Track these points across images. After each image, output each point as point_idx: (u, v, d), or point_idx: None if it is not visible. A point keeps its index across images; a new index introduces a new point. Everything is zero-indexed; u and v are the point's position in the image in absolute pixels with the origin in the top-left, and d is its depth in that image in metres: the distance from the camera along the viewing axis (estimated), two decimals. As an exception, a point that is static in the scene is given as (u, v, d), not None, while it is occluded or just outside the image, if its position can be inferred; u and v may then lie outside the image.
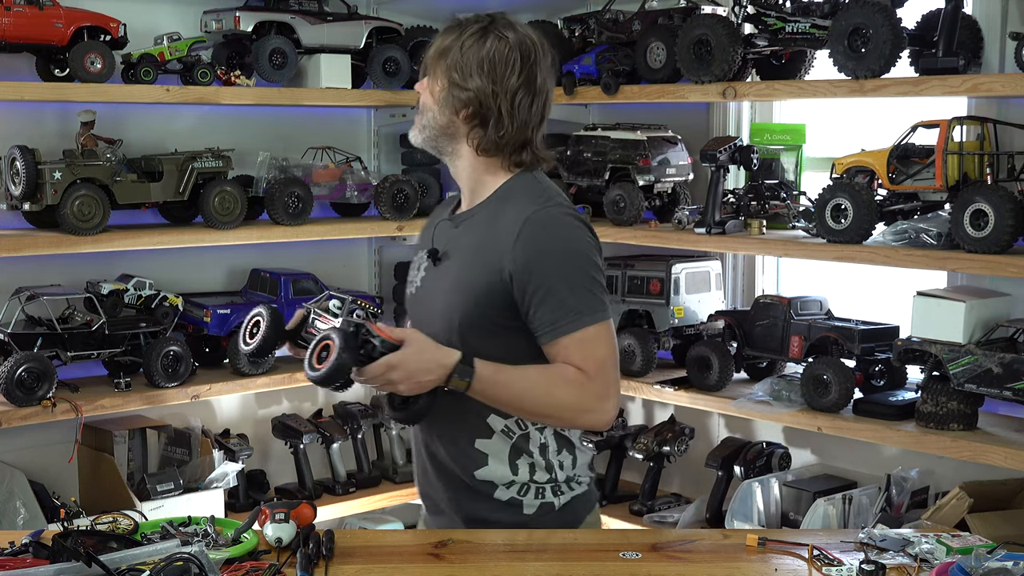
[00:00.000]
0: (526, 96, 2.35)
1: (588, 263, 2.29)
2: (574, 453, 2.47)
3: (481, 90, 2.34)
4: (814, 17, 3.53)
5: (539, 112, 2.39)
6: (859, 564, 2.23)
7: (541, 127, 2.41)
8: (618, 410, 2.39)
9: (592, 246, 2.33)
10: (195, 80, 3.95)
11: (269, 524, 2.26)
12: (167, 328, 3.91)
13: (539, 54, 2.38)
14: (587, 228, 2.35)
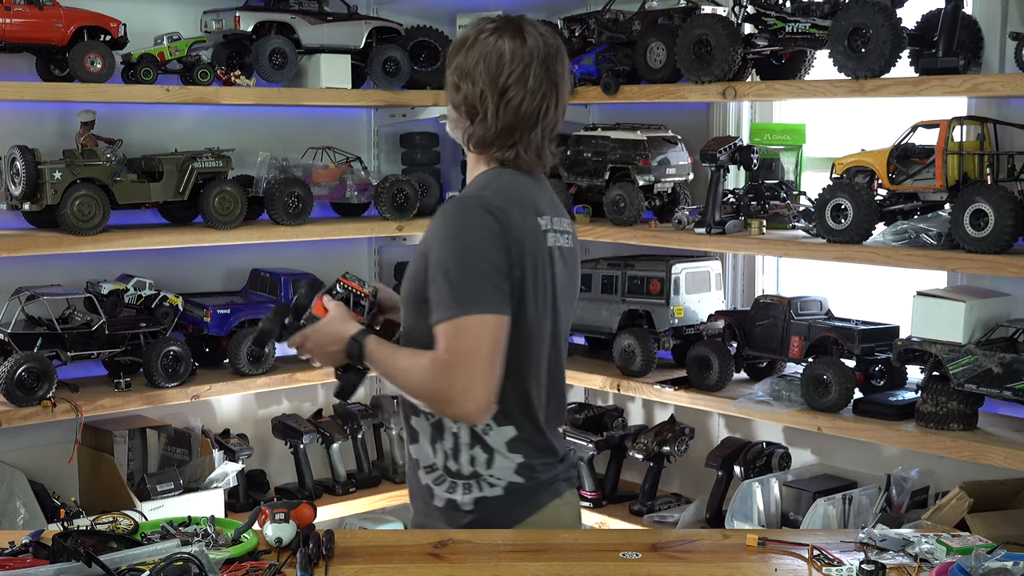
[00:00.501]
0: (516, 98, 2.38)
1: (476, 254, 2.27)
2: (491, 454, 2.42)
3: (471, 90, 2.41)
4: (814, 17, 3.53)
5: (531, 115, 2.40)
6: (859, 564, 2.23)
7: (536, 129, 2.42)
8: (490, 407, 2.28)
9: (487, 237, 2.28)
10: (195, 80, 3.95)
11: (269, 524, 2.26)
12: (167, 328, 3.91)
13: (538, 59, 2.39)
14: (492, 219, 2.30)
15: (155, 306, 3.91)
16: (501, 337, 2.27)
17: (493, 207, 2.32)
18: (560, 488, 2.50)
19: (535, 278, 2.36)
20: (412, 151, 4.72)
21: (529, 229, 2.37)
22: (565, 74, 2.46)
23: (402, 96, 4.48)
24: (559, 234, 2.46)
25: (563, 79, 2.45)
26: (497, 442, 2.42)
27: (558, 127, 2.48)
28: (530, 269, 2.34)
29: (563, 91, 2.45)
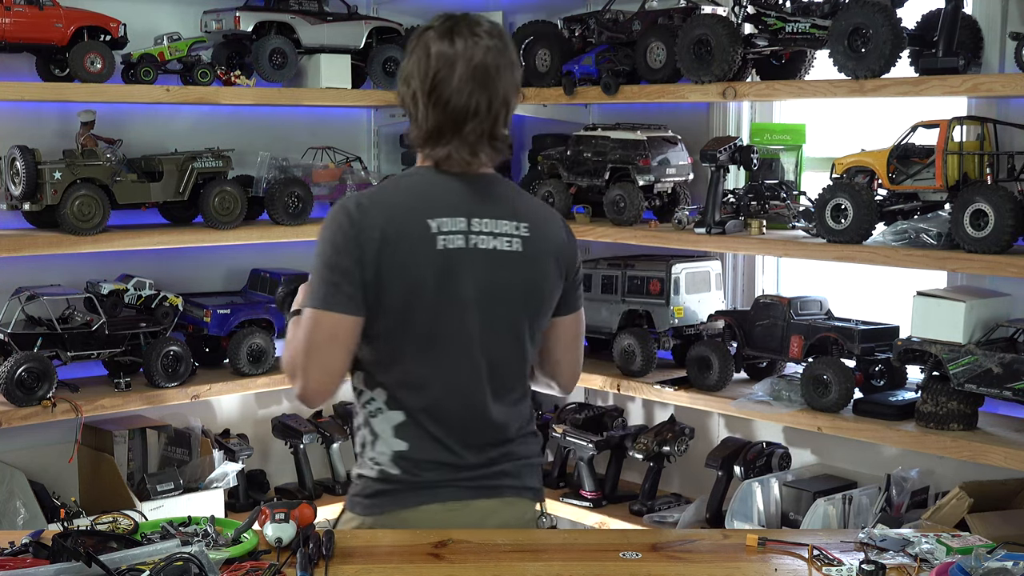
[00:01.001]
0: (442, 98, 2.40)
1: (320, 253, 2.39)
2: (376, 437, 2.47)
3: (407, 91, 2.48)
4: (814, 17, 3.53)
5: (459, 114, 2.41)
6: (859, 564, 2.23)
7: (467, 128, 2.42)
8: (319, 394, 2.41)
9: (328, 237, 2.38)
10: (195, 80, 3.95)
11: (269, 524, 2.26)
12: (167, 328, 3.91)
13: (464, 59, 2.39)
14: (347, 219, 2.37)
15: (155, 306, 3.91)
16: (326, 331, 2.36)
17: (353, 207, 2.38)
18: (445, 495, 2.46)
19: (401, 278, 2.36)
20: (412, 151, 4.71)
21: (409, 229, 2.38)
22: (503, 72, 2.42)
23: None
24: (483, 236, 2.42)
25: (497, 77, 2.42)
26: (383, 426, 2.46)
27: (500, 125, 2.47)
28: (389, 269, 2.35)
29: (498, 89, 2.43)
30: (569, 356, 2.68)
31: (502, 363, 2.49)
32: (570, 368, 2.70)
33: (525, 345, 2.52)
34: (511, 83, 2.47)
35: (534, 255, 2.47)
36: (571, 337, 2.65)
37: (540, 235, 2.49)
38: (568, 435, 4.25)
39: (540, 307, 2.52)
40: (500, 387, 2.49)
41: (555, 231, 2.54)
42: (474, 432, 2.48)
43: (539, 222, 2.51)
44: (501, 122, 2.48)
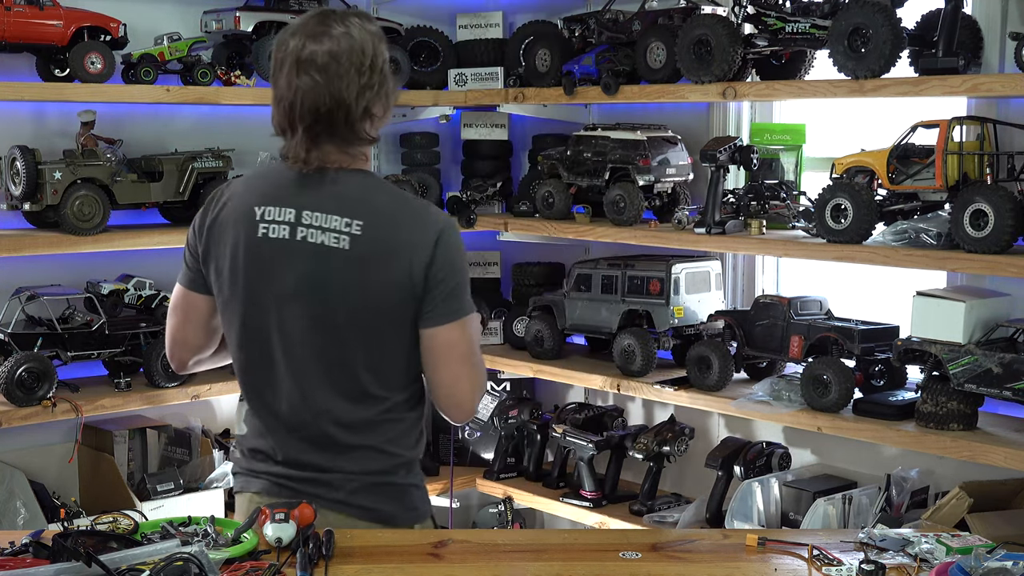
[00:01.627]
0: (275, 95, 2.56)
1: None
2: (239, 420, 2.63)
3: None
4: (814, 17, 3.53)
5: (287, 112, 2.50)
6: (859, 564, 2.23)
7: (298, 127, 2.47)
8: (177, 363, 2.69)
9: (196, 218, 2.58)
10: (195, 80, 3.95)
11: (269, 524, 2.26)
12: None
13: (292, 58, 2.45)
14: (209, 201, 2.56)
15: (155, 306, 3.91)
16: (174, 300, 2.65)
17: (219, 191, 2.56)
18: (257, 485, 2.51)
19: (225, 259, 2.46)
20: (412, 151, 4.72)
21: (237, 214, 2.46)
22: (340, 73, 2.38)
23: (402, 96, 4.45)
24: (312, 230, 2.39)
25: (330, 78, 2.38)
26: (241, 411, 2.60)
27: (342, 125, 2.41)
28: (216, 250, 2.48)
29: (329, 89, 2.39)
30: (441, 376, 2.45)
31: (335, 366, 2.42)
32: (445, 390, 2.46)
33: (365, 350, 2.41)
34: (352, 84, 2.38)
35: (361, 254, 2.38)
36: (440, 353, 2.43)
37: (376, 235, 2.38)
38: (568, 435, 4.25)
39: (369, 308, 2.39)
40: (335, 393, 2.43)
41: (406, 233, 2.39)
42: (293, 432, 2.46)
43: (382, 222, 2.39)
44: (342, 123, 2.40)
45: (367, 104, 2.41)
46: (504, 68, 4.56)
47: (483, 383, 2.55)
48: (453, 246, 2.43)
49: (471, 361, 2.46)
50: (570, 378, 4.30)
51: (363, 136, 2.44)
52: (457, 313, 2.42)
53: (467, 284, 2.47)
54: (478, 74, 4.58)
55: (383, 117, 2.49)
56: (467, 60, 4.67)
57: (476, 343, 2.48)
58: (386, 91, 2.46)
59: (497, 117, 4.70)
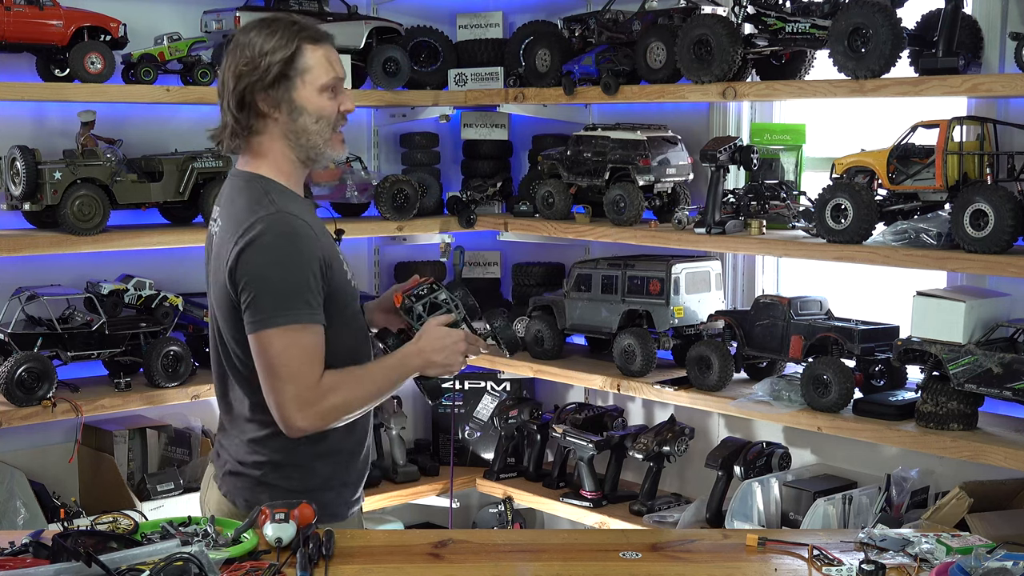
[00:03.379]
0: None
1: None
2: None
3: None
4: (814, 17, 3.53)
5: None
6: (859, 564, 2.23)
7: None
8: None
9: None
10: (195, 80, 3.95)
11: (269, 524, 2.26)
12: (167, 328, 3.91)
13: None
14: None
15: (155, 306, 3.91)
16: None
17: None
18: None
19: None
20: (412, 151, 4.72)
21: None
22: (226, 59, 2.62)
23: (402, 96, 4.48)
24: (214, 224, 2.60)
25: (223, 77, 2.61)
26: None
27: (225, 112, 2.62)
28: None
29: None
30: (262, 381, 2.49)
31: (215, 352, 2.63)
32: (265, 396, 2.49)
33: (222, 339, 2.58)
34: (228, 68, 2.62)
35: (211, 252, 2.59)
36: (255, 362, 2.48)
37: (220, 236, 2.54)
38: (568, 435, 4.25)
39: (217, 301, 2.55)
40: (214, 374, 2.66)
41: (231, 236, 2.47)
42: (226, 420, 2.67)
43: (226, 222, 2.53)
44: (226, 107, 2.61)
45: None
46: (504, 68, 4.56)
47: (304, 395, 2.44)
48: (263, 251, 2.43)
49: (279, 373, 2.42)
50: (570, 378, 4.30)
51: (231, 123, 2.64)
52: (254, 324, 2.43)
53: (283, 293, 2.42)
54: (478, 74, 4.58)
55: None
56: (467, 60, 4.67)
57: (290, 356, 2.42)
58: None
59: (497, 117, 4.70)
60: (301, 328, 2.43)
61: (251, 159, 2.61)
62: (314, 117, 2.56)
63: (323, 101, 2.57)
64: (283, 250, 2.43)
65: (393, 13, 4.59)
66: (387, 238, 4.64)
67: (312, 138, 2.58)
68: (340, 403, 2.49)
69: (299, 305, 2.43)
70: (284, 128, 2.56)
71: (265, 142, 2.59)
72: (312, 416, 2.46)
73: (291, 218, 2.48)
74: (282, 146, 2.58)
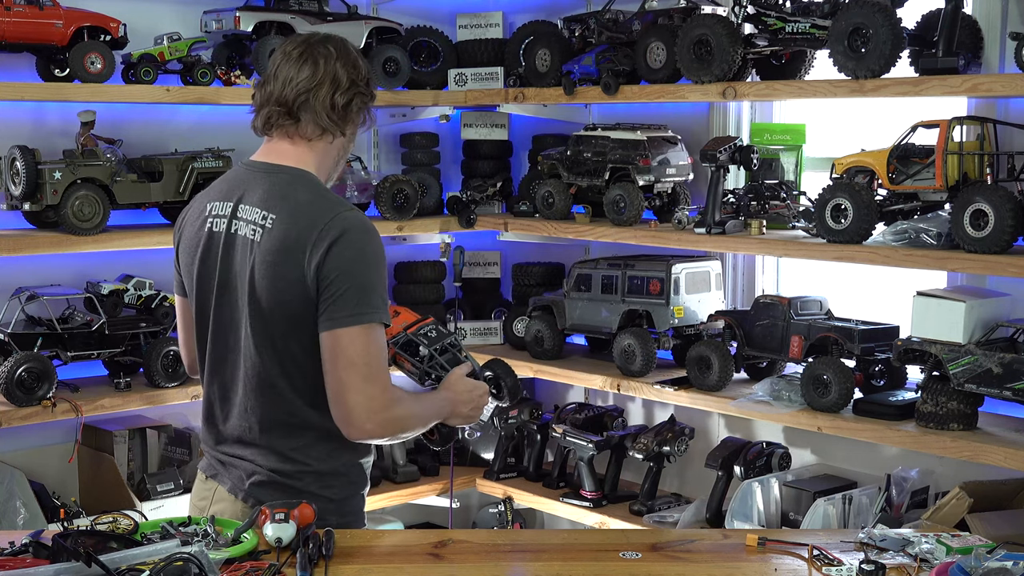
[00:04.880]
0: None
1: None
2: None
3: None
4: (814, 17, 3.53)
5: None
6: (859, 564, 2.23)
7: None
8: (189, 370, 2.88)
9: None
10: (195, 80, 3.95)
11: (269, 524, 2.26)
12: (167, 328, 3.91)
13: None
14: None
15: (155, 306, 3.91)
16: (177, 311, 2.88)
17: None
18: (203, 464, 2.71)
19: (183, 256, 2.69)
20: (412, 151, 4.72)
21: (193, 213, 2.67)
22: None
23: (402, 96, 4.48)
24: (242, 223, 2.50)
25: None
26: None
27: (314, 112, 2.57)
28: (179, 248, 2.71)
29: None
30: (328, 381, 2.44)
31: (254, 359, 2.51)
32: (333, 396, 2.44)
33: (273, 344, 2.48)
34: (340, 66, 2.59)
35: (268, 248, 2.45)
36: (327, 359, 2.43)
37: (284, 231, 2.44)
38: (568, 435, 4.25)
39: (266, 303, 2.45)
40: (239, 381, 2.55)
41: (308, 231, 2.42)
42: (223, 413, 2.60)
43: (293, 217, 2.44)
44: (321, 98, 2.56)
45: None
46: (504, 68, 4.56)
47: (379, 399, 2.42)
48: (352, 247, 2.41)
49: (361, 372, 2.39)
50: (570, 378, 4.30)
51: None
52: (340, 320, 2.39)
53: (367, 289, 2.41)
54: (478, 74, 4.58)
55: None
56: (467, 60, 4.67)
57: (371, 354, 2.41)
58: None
59: (497, 117, 4.70)
60: (382, 328, 2.45)
61: (299, 154, 2.56)
62: (350, 150, 2.72)
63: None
64: (371, 246, 2.44)
65: (393, 13, 4.59)
66: (387, 238, 4.63)
67: (342, 165, 2.72)
68: (403, 416, 2.50)
69: (381, 304, 2.43)
70: (343, 145, 2.65)
71: (327, 144, 2.61)
72: (379, 422, 2.43)
73: (365, 216, 2.54)
74: (330, 158, 2.64)
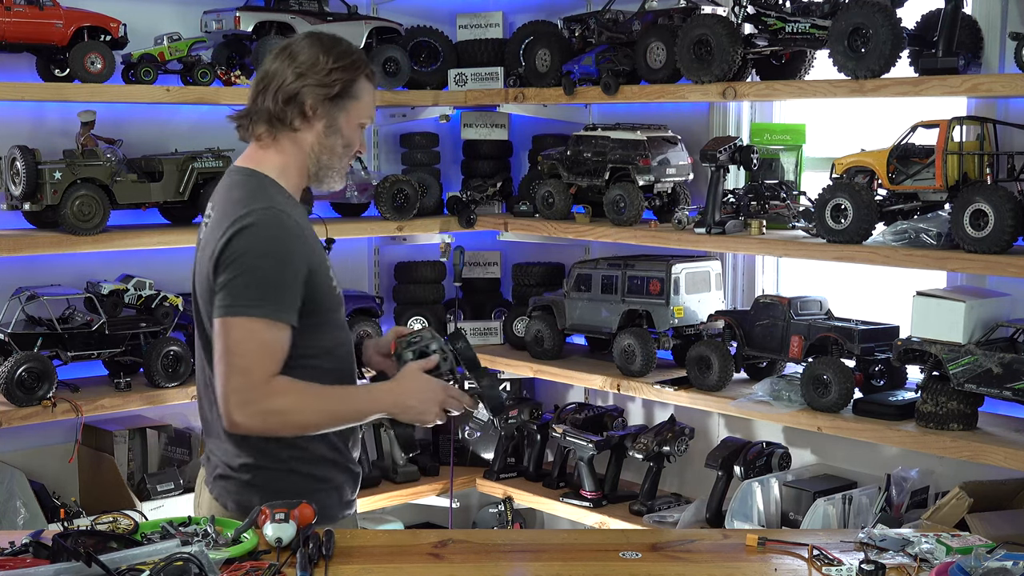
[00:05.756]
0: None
1: None
2: None
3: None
4: (814, 17, 3.53)
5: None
6: (859, 564, 2.23)
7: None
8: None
9: None
10: (195, 80, 3.95)
11: (269, 524, 2.26)
12: (167, 328, 3.91)
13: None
14: None
15: (155, 306, 3.91)
16: None
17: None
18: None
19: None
20: (412, 151, 4.72)
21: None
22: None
23: (402, 96, 4.48)
24: (208, 217, 2.61)
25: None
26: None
27: (263, 113, 2.63)
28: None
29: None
30: (215, 369, 2.47)
31: (200, 351, 2.60)
32: (216, 385, 2.47)
33: (199, 337, 2.59)
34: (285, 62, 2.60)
35: (200, 247, 2.60)
36: (215, 346, 2.46)
37: (210, 229, 2.54)
38: (568, 435, 4.25)
39: (202, 294, 2.55)
40: (205, 376, 2.60)
41: (220, 227, 2.48)
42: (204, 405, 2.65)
43: (218, 216, 2.54)
44: (270, 97, 2.60)
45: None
46: (504, 68, 4.56)
47: (245, 392, 2.41)
48: (248, 241, 2.43)
49: (227, 363, 2.40)
50: (570, 378, 4.30)
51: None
52: (221, 308, 2.43)
53: (251, 284, 2.42)
54: (478, 74, 4.58)
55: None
56: (467, 60, 4.68)
57: (241, 346, 2.41)
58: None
59: (497, 117, 4.70)
60: (267, 324, 2.41)
61: (260, 155, 2.62)
62: (343, 143, 2.63)
63: (356, 133, 2.65)
64: (270, 244, 2.44)
65: (393, 13, 4.59)
66: (387, 238, 4.64)
67: (332, 160, 2.64)
68: (284, 408, 2.44)
69: (272, 300, 2.41)
70: (314, 139, 2.60)
71: (290, 142, 2.60)
72: (252, 414, 2.42)
73: (285, 216, 2.50)
74: (301, 153, 2.61)
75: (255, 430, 2.48)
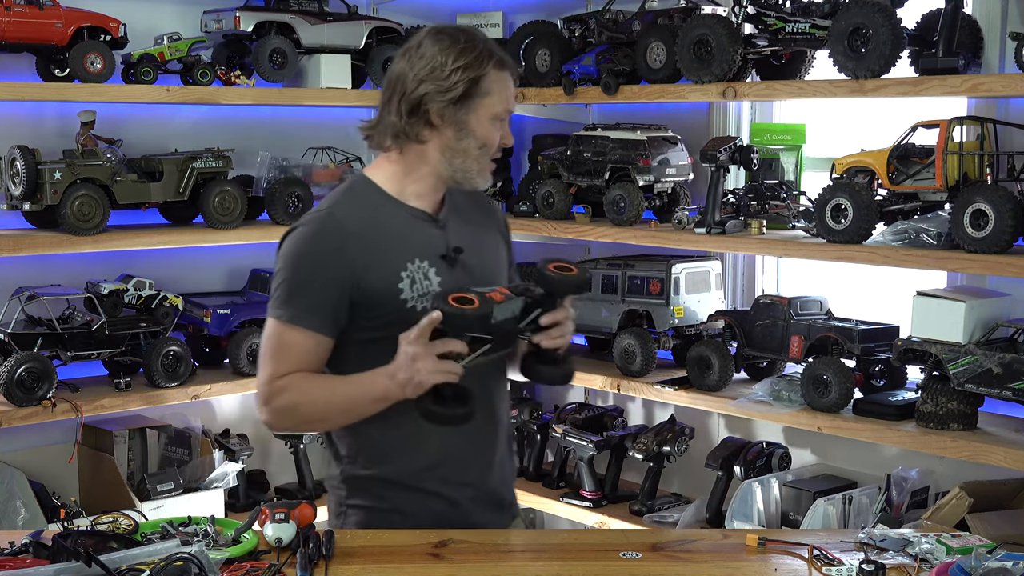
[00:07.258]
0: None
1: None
2: None
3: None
4: (814, 17, 3.53)
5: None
6: (859, 564, 2.23)
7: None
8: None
9: None
10: (195, 80, 3.96)
11: (269, 524, 2.26)
12: (167, 328, 3.91)
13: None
14: None
15: (155, 306, 3.91)
16: None
17: None
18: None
19: None
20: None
21: None
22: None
23: (402, 96, 4.47)
24: None
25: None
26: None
27: (389, 125, 2.57)
28: None
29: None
30: None
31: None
32: None
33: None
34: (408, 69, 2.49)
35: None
36: None
37: None
38: (568, 435, 4.25)
39: None
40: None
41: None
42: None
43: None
44: (395, 108, 2.53)
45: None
46: (504, 68, 4.55)
47: (261, 390, 2.41)
48: (286, 244, 2.46)
49: (260, 362, 2.45)
50: (570, 378, 4.30)
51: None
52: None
53: (275, 286, 2.43)
54: (478, 74, 4.57)
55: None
56: (467, 60, 4.66)
57: (263, 347, 2.44)
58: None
59: (497, 117, 4.69)
60: (286, 327, 2.40)
61: (381, 160, 2.58)
62: (479, 143, 2.49)
63: (491, 129, 2.50)
64: (306, 247, 2.40)
65: (393, 13, 4.59)
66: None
67: (468, 162, 2.49)
68: (288, 405, 2.40)
69: (294, 304, 2.38)
70: (445, 144, 2.48)
71: (421, 151, 2.50)
72: (268, 411, 2.42)
73: (334, 222, 2.42)
74: (436, 160, 2.49)
75: (277, 427, 2.62)
